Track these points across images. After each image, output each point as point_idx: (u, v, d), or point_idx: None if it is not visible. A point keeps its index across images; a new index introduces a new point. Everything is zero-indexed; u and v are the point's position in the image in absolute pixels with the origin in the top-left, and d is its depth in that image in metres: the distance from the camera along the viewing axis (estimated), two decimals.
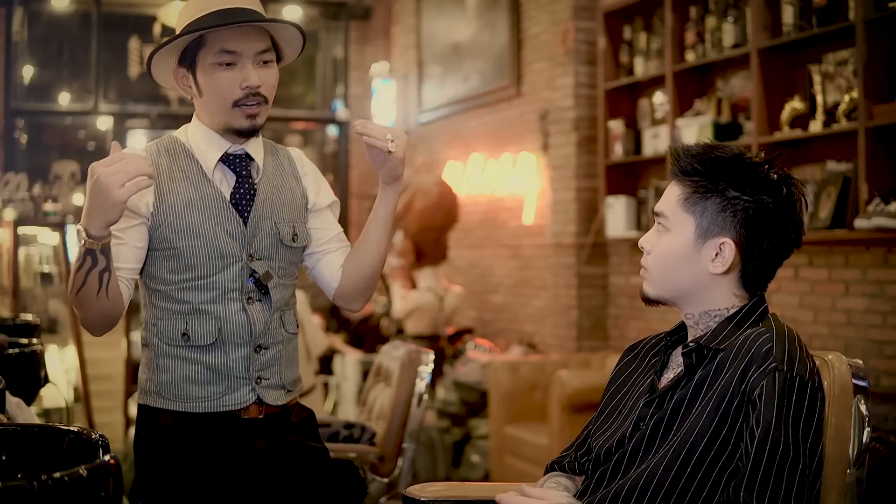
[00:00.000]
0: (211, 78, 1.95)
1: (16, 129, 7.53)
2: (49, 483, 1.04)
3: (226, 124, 1.98)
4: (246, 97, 1.94)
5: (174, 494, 1.96)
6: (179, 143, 2.02)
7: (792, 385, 1.49)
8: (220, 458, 1.96)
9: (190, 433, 1.96)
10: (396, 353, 3.09)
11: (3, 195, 5.17)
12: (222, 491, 1.95)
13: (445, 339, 5.85)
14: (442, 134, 6.96)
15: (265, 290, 1.98)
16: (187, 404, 1.96)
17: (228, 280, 1.96)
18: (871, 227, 3.46)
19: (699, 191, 1.59)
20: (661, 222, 1.64)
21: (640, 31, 4.87)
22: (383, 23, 7.92)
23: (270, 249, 2.00)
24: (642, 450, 1.58)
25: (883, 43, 3.54)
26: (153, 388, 1.99)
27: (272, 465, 2.00)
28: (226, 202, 1.97)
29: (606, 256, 5.29)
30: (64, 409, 3.65)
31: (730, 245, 1.58)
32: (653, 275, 1.65)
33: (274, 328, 2.01)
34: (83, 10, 7.47)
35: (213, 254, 1.94)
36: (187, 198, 1.95)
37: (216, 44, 1.92)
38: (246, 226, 1.97)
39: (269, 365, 2.00)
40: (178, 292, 1.95)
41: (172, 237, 1.94)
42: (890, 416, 3.17)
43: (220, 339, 1.95)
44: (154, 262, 1.96)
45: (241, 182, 2.00)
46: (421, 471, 5.11)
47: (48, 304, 5.48)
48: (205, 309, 1.95)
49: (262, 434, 1.99)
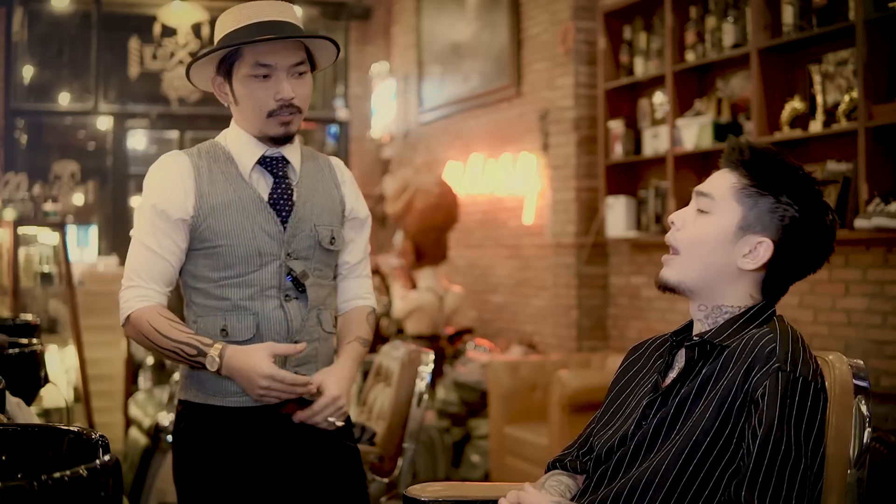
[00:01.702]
0: (246, 89, 2.02)
1: (16, 129, 7.54)
2: (49, 483, 1.04)
3: (261, 132, 2.05)
4: (280, 108, 2.02)
5: (211, 486, 2.02)
6: (220, 146, 2.09)
7: (795, 385, 1.49)
8: (256, 451, 2.02)
9: (228, 426, 2.02)
10: (396, 353, 3.09)
11: (3, 195, 5.17)
12: (256, 482, 2.02)
13: (445, 339, 5.85)
14: (442, 134, 6.96)
15: (302, 289, 2.04)
16: (226, 399, 2.02)
17: (266, 278, 2.02)
18: (871, 227, 3.46)
19: (757, 185, 1.60)
20: (705, 205, 1.64)
21: (640, 31, 4.87)
22: (383, 23, 7.92)
23: (308, 250, 2.07)
24: (644, 448, 1.58)
25: (883, 43, 3.54)
26: (193, 383, 2.06)
27: (305, 460, 2.06)
28: (263, 202, 2.04)
29: (606, 256, 5.29)
30: (64, 409, 3.65)
31: (768, 245, 1.59)
32: (682, 254, 1.64)
33: (310, 325, 2.06)
34: (83, 10, 7.47)
35: (252, 252, 2.01)
36: (226, 198, 2.02)
37: (252, 57, 2.00)
38: (285, 226, 2.04)
39: (305, 361, 2.06)
40: (218, 289, 2.02)
41: (212, 236, 2.01)
42: (890, 416, 3.17)
43: (257, 334, 2.01)
44: (195, 260, 2.03)
45: (278, 183, 2.07)
46: (421, 471, 5.11)
47: (48, 304, 5.47)
48: (243, 305, 2.01)
49: (297, 428, 2.04)
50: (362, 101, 8.02)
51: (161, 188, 2.03)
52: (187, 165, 2.04)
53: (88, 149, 8.21)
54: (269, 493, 2.02)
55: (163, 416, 4.16)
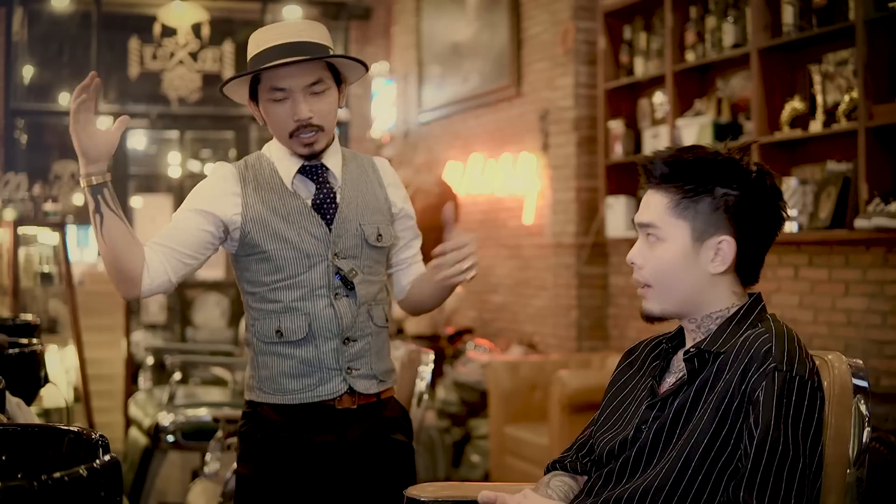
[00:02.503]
0: (267, 112, 2.11)
1: (16, 129, 7.53)
2: (49, 483, 1.04)
3: (289, 149, 2.13)
4: (298, 129, 2.07)
5: (271, 479, 2.12)
6: (264, 157, 2.17)
7: (791, 385, 1.49)
8: (314, 446, 2.11)
9: (288, 422, 2.11)
10: (396, 353, 3.08)
11: (3, 195, 5.17)
12: (314, 477, 2.11)
13: (445, 339, 5.85)
14: (442, 134, 6.96)
15: (351, 287, 2.11)
16: (285, 397, 2.11)
17: (315, 278, 2.10)
18: (871, 227, 3.46)
19: (688, 195, 1.59)
20: (652, 233, 1.63)
21: (640, 31, 4.87)
22: (383, 23, 7.93)
23: (356, 249, 2.14)
24: (646, 455, 1.57)
25: (883, 43, 3.54)
26: (255, 384, 2.16)
27: (362, 456, 2.14)
28: (308, 208, 2.12)
29: (606, 256, 5.29)
30: (64, 409, 3.64)
31: (729, 241, 1.59)
32: (654, 289, 1.64)
33: (361, 321, 2.13)
34: (83, 10, 7.47)
35: (300, 255, 2.09)
36: (272, 206, 2.11)
37: (268, 81, 2.07)
38: (330, 228, 2.12)
39: (358, 356, 2.13)
40: (271, 293, 2.11)
41: (261, 242, 2.09)
42: (890, 416, 3.17)
43: (310, 333, 2.09)
44: (248, 266, 2.13)
45: (320, 188, 2.14)
46: (421, 471, 5.09)
47: (48, 304, 5.47)
48: (295, 306, 2.09)
49: (354, 424, 2.13)
50: (362, 101, 8.02)
51: (207, 194, 2.11)
52: (233, 174, 2.13)
53: None
54: (325, 485, 2.11)
55: (163, 416, 4.16)
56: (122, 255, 2.00)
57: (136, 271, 2.01)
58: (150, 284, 2.03)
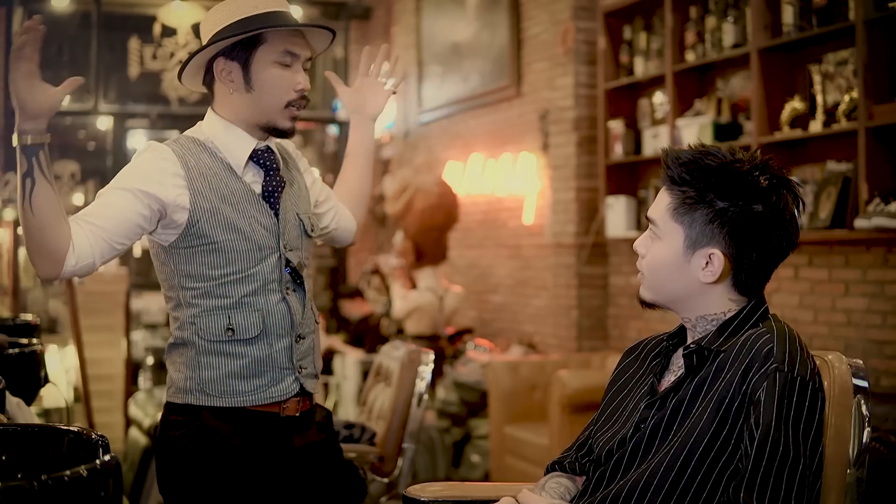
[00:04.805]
0: (269, 75, 1.98)
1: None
2: (49, 483, 1.04)
3: (269, 122, 2.01)
4: (297, 100, 2.00)
5: (212, 491, 1.97)
6: (199, 142, 2.00)
7: (793, 386, 1.49)
8: (259, 455, 1.99)
9: (233, 429, 1.97)
10: (396, 353, 3.09)
11: (3, 195, 5.17)
12: (260, 488, 1.98)
13: (445, 339, 5.85)
14: (442, 134, 6.96)
15: (300, 280, 2.03)
16: (234, 399, 1.97)
17: (268, 272, 1.99)
18: (871, 227, 3.46)
19: (687, 202, 1.58)
20: (653, 229, 1.64)
21: (640, 31, 4.87)
22: (383, 23, 7.92)
23: (297, 240, 2.05)
24: (642, 451, 1.57)
25: (883, 43, 3.54)
26: (195, 386, 1.98)
27: (305, 464, 2.05)
28: (257, 196, 2.00)
29: (606, 256, 5.29)
30: (64, 409, 3.64)
31: (718, 256, 1.57)
32: (648, 280, 1.66)
33: (308, 317, 2.06)
34: (83, 10, 7.47)
35: (252, 246, 1.97)
36: (221, 194, 1.96)
37: (281, 44, 1.97)
38: (277, 218, 2.01)
39: (307, 354, 2.05)
40: (219, 287, 1.96)
41: (211, 232, 1.94)
42: (890, 416, 3.17)
43: (263, 330, 1.98)
44: (192, 259, 1.96)
45: (270, 176, 2.03)
46: (421, 471, 5.10)
47: (48, 304, 5.48)
48: (247, 302, 1.97)
49: (297, 432, 2.04)
50: None
51: (144, 174, 1.91)
52: (173, 155, 1.95)
53: (88, 149, 8.20)
54: (271, 495, 1.99)
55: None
56: (49, 229, 1.78)
57: (62, 249, 1.80)
58: (73, 265, 1.82)
